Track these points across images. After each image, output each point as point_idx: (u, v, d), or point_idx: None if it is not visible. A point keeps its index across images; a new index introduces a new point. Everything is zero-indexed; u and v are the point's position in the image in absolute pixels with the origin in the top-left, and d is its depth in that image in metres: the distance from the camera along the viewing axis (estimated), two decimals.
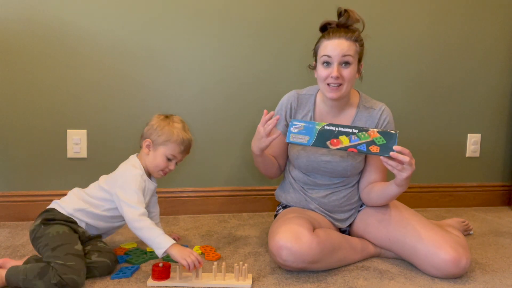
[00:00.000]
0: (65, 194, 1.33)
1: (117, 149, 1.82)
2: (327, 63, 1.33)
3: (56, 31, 1.73)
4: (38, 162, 1.77)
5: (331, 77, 1.31)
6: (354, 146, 1.22)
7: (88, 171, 1.81)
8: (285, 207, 1.53)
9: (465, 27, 2.10)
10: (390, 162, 1.21)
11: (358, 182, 1.48)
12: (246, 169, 1.96)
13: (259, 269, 1.32)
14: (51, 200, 1.32)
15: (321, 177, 1.45)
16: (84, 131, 1.79)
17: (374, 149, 1.21)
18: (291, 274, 1.28)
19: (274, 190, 1.71)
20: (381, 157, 1.21)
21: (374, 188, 1.42)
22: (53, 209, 1.28)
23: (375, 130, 1.22)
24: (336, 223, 1.47)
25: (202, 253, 1.44)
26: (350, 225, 1.50)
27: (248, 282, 1.19)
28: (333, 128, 1.24)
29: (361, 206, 1.50)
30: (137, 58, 1.81)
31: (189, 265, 1.15)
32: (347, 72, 1.32)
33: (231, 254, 1.44)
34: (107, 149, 1.82)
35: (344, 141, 1.23)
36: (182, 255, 1.16)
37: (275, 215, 1.53)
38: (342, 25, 1.36)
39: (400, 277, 1.28)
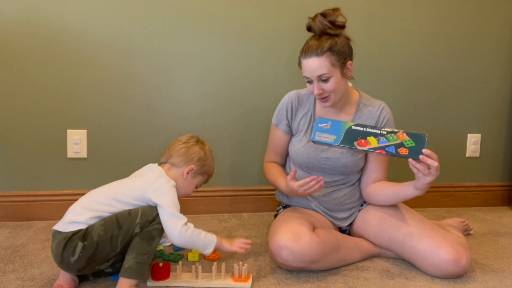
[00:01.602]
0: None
1: (117, 149, 1.82)
2: (309, 81, 1.35)
3: (56, 31, 1.73)
4: (38, 162, 1.77)
5: (314, 94, 1.34)
6: (383, 148, 1.19)
7: (88, 171, 1.81)
8: (285, 206, 1.53)
9: (465, 27, 2.09)
10: (418, 165, 1.19)
11: (358, 180, 1.49)
12: (246, 169, 1.96)
13: (259, 269, 1.32)
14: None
15: (321, 175, 1.44)
16: (84, 131, 1.79)
17: (403, 151, 1.17)
18: (291, 274, 1.28)
19: (274, 190, 1.71)
20: (409, 160, 1.19)
21: (386, 189, 1.40)
22: (72, 232, 1.10)
23: (404, 132, 1.18)
24: (337, 222, 1.47)
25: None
26: (351, 224, 1.50)
27: (248, 282, 1.19)
28: (361, 129, 1.21)
29: (361, 205, 1.50)
30: (137, 58, 1.81)
31: (243, 248, 1.21)
32: (328, 86, 1.32)
33: (231, 254, 1.44)
34: (107, 149, 1.82)
35: (372, 142, 1.19)
36: (232, 244, 1.22)
37: (275, 215, 1.53)
38: (320, 31, 1.34)
39: (400, 277, 1.28)
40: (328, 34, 1.33)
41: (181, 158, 1.28)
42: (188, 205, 1.90)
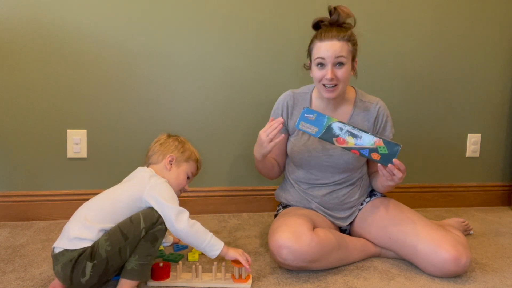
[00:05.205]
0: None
1: (117, 149, 1.82)
2: (321, 65, 1.33)
3: (56, 31, 1.73)
4: (38, 162, 1.77)
5: (326, 78, 1.32)
6: (358, 149, 1.27)
7: (88, 171, 1.81)
8: (285, 206, 1.53)
9: (465, 26, 2.09)
10: (384, 171, 1.28)
11: (359, 179, 1.49)
12: (246, 169, 1.96)
13: (259, 269, 1.32)
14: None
15: (323, 174, 1.45)
16: (84, 131, 1.79)
17: (375, 156, 1.26)
18: (291, 274, 1.28)
19: (274, 190, 1.71)
20: (378, 164, 1.28)
21: (374, 179, 1.51)
22: (80, 249, 1.07)
23: (381, 139, 1.26)
24: (337, 222, 1.47)
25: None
26: (351, 224, 1.50)
27: (248, 282, 1.19)
28: (343, 127, 1.27)
29: (361, 204, 1.50)
30: (137, 57, 1.81)
31: (247, 260, 1.17)
32: (341, 72, 1.32)
33: None
34: (107, 149, 1.82)
35: (350, 142, 1.27)
36: (238, 253, 1.17)
37: (275, 215, 1.53)
38: (335, 22, 1.36)
39: (400, 277, 1.28)
40: (343, 26, 1.36)
41: (158, 154, 1.30)
42: (188, 205, 1.90)
